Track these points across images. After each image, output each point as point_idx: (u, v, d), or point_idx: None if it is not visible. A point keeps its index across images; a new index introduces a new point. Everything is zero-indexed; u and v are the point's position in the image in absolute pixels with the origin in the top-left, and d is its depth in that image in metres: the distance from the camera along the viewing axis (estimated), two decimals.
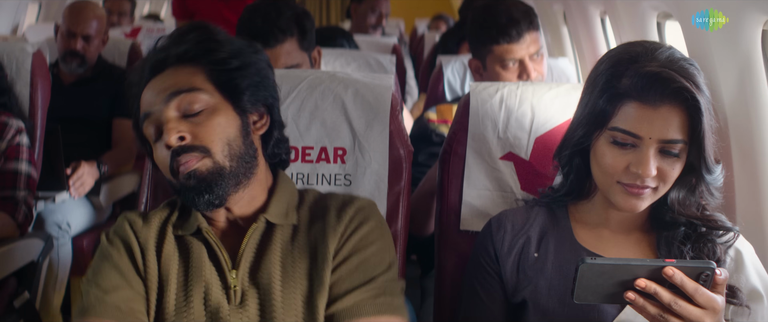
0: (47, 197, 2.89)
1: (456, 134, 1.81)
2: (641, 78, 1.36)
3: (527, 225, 1.53)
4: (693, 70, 1.38)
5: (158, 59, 1.45)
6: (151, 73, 1.44)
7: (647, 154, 1.36)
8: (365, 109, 1.84)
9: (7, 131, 2.45)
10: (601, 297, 1.23)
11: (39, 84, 2.72)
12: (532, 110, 1.79)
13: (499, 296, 1.51)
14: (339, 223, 1.43)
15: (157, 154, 1.42)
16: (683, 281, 1.18)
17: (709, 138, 1.37)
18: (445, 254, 1.80)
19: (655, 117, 1.35)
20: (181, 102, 1.39)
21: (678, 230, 1.45)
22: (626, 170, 1.38)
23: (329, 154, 1.84)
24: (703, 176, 1.40)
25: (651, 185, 1.38)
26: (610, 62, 1.43)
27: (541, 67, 2.35)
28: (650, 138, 1.36)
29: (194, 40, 1.45)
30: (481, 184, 1.78)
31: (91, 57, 3.32)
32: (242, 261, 1.41)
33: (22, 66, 2.69)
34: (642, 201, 1.40)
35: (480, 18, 2.39)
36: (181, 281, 1.42)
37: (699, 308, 1.19)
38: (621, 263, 1.20)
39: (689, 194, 1.44)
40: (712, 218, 1.45)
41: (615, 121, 1.38)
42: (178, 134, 1.36)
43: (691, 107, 1.35)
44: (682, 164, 1.39)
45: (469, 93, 1.82)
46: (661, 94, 1.35)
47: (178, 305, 1.40)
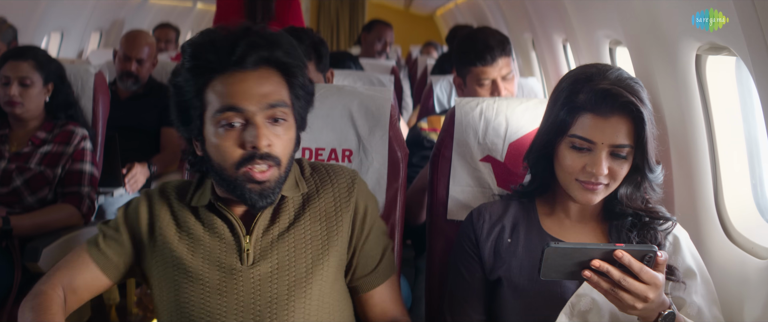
0: (107, 192, 2.90)
1: (444, 140, 1.81)
2: (595, 94, 1.36)
3: (502, 216, 1.53)
4: (638, 87, 1.38)
5: (245, 52, 1.27)
6: (236, 64, 1.27)
7: (600, 156, 1.36)
8: (368, 117, 1.84)
9: (74, 138, 2.45)
10: (562, 275, 1.22)
11: (100, 99, 2.72)
12: (506, 121, 1.79)
13: (478, 273, 1.51)
14: (349, 199, 1.44)
15: (221, 142, 1.28)
16: (630, 261, 1.18)
17: (651, 143, 1.37)
18: (434, 239, 1.80)
19: (606, 126, 1.35)
20: (274, 113, 1.29)
21: (626, 220, 1.45)
22: (583, 170, 1.38)
23: (338, 154, 1.84)
24: (647, 174, 1.40)
25: (603, 182, 1.38)
26: (569, 81, 1.43)
27: (511, 86, 2.34)
28: (602, 143, 1.36)
29: (287, 51, 1.31)
30: (464, 181, 1.78)
31: (144, 77, 3.32)
32: (256, 228, 1.38)
33: (87, 84, 2.70)
34: (596, 195, 1.40)
35: (463, 44, 2.41)
36: (198, 247, 1.38)
37: (643, 284, 1.19)
38: (579, 247, 1.20)
39: (635, 190, 1.44)
40: (654, 210, 1.45)
41: (573, 129, 1.38)
42: (268, 141, 1.27)
43: (636, 118, 1.35)
44: (629, 164, 1.39)
45: (455, 106, 1.82)
46: (611, 106, 1.35)
47: (194, 267, 1.37)
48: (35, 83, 2.43)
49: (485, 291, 1.52)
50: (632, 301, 1.19)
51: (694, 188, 1.71)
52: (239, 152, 1.27)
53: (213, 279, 1.36)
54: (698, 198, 1.70)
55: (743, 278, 1.50)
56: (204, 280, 1.37)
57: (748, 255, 1.54)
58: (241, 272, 1.37)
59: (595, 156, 1.36)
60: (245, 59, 1.27)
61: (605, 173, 1.36)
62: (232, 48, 1.27)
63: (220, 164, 1.30)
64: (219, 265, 1.37)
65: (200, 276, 1.37)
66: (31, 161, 2.40)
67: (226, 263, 1.37)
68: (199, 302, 1.37)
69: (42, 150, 2.42)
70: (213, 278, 1.36)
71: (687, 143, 1.72)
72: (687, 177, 1.73)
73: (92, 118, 2.69)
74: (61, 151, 2.43)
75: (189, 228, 1.39)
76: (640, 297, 1.19)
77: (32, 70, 2.43)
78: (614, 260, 1.19)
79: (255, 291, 1.36)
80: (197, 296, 1.37)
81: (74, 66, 2.76)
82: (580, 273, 1.20)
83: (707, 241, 1.67)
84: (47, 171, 2.40)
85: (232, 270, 1.37)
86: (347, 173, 1.48)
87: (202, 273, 1.37)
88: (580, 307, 1.39)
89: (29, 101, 2.42)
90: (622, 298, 1.19)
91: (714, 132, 1.68)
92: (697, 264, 1.44)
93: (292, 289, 1.37)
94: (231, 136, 1.27)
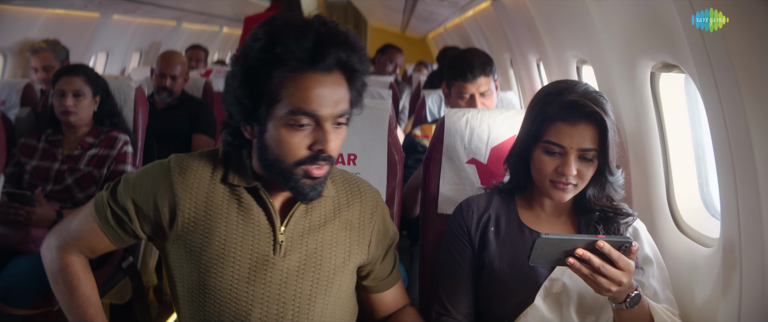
0: None
1: (435, 145, 1.81)
2: (565, 105, 1.35)
3: (488, 207, 1.52)
4: (602, 100, 1.38)
5: (325, 52, 1.10)
6: (313, 64, 1.10)
7: (570, 159, 1.35)
8: (370, 126, 1.84)
9: (118, 143, 2.45)
10: (549, 261, 1.21)
11: (140, 110, 2.72)
12: (488, 129, 1.78)
13: (468, 257, 1.50)
14: (372, 219, 1.35)
15: (288, 139, 1.13)
16: (610, 251, 1.18)
17: (613, 149, 1.36)
18: (427, 230, 1.80)
19: (574, 132, 1.35)
20: (340, 119, 1.15)
21: (594, 215, 1.45)
22: (555, 171, 1.37)
23: (344, 158, 1.84)
24: (608, 177, 1.40)
25: (572, 182, 1.38)
26: (543, 94, 1.42)
27: (489, 101, 2.32)
28: (571, 148, 1.35)
29: (361, 58, 1.15)
30: (452, 180, 1.78)
31: (177, 91, 3.32)
32: (291, 221, 1.25)
33: (128, 97, 2.69)
34: (567, 194, 1.40)
35: (452, 60, 2.40)
36: (233, 226, 1.22)
37: (620, 270, 1.19)
38: (566, 238, 1.19)
39: (601, 191, 1.43)
40: (618, 207, 1.44)
41: (547, 136, 1.38)
42: (334, 145, 1.15)
43: (601, 125, 1.34)
44: (595, 167, 1.38)
45: (444, 116, 1.82)
46: (578, 115, 1.34)
47: (227, 245, 1.21)
48: (86, 95, 2.44)
49: (473, 272, 1.51)
50: (608, 285, 1.19)
51: (650, 186, 1.71)
52: (305, 152, 1.14)
53: (244, 266, 1.22)
54: (653, 195, 1.70)
55: (692, 264, 1.50)
56: (236, 265, 1.21)
57: (696, 244, 1.53)
58: (273, 262, 1.23)
59: (566, 159, 1.36)
60: (325, 60, 1.10)
61: (574, 173, 1.36)
62: (313, 44, 1.10)
63: (279, 157, 1.15)
64: (251, 252, 1.22)
65: (232, 261, 1.21)
66: (80, 162, 2.40)
67: (261, 251, 1.22)
68: (227, 287, 1.22)
69: (90, 153, 2.42)
70: (244, 264, 1.22)
71: (643, 148, 1.72)
72: (643, 177, 1.73)
73: (133, 126, 2.69)
74: (107, 154, 2.43)
75: (223, 208, 1.22)
76: (615, 281, 1.18)
77: (84, 84, 2.43)
78: (595, 249, 1.18)
79: (282, 283, 1.24)
80: (226, 282, 1.21)
81: (118, 81, 2.75)
82: (565, 260, 1.19)
83: (661, 232, 1.66)
84: (95, 171, 2.40)
85: (266, 259, 1.23)
86: (373, 192, 1.39)
87: (234, 258, 1.21)
88: (553, 290, 1.39)
89: (81, 111, 2.42)
90: (599, 282, 1.19)
91: (666, 139, 1.68)
92: (653, 252, 1.43)
93: (315, 287, 1.27)
94: (299, 135, 1.13)
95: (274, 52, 1.09)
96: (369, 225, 1.36)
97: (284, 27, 1.10)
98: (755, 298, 1.21)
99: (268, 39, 1.10)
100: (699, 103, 1.65)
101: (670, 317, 1.32)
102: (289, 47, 1.09)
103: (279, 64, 1.10)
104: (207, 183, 1.23)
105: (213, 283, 1.22)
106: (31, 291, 2.10)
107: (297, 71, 1.10)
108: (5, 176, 2.41)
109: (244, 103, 1.14)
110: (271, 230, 1.24)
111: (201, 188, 1.23)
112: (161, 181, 1.23)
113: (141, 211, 1.24)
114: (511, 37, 3.80)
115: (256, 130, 1.17)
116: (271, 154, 1.16)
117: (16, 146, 2.49)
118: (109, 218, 1.26)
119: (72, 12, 4.42)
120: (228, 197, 1.23)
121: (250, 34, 1.14)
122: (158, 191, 1.23)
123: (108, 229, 1.27)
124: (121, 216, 1.25)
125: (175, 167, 1.24)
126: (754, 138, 1.13)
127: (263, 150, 1.17)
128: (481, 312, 1.50)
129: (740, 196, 1.22)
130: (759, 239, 1.17)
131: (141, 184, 1.24)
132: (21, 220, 2.12)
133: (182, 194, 1.22)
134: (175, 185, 1.22)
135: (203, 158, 1.26)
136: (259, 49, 1.10)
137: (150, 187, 1.24)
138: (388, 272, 1.44)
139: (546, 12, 2.67)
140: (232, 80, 1.15)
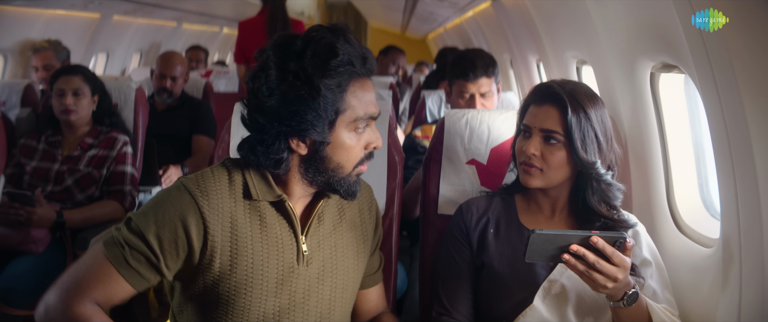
0: (146, 190, 2.89)
1: (435, 146, 1.81)
2: (535, 88, 1.43)
3: (487, 210, 1.53)
4: (581, 92, 1.38)
5: (368, 57, 1.16)
6: (369, 71, 1.17)
7: (533, 139, 1.39)
8: None
9: (117, 143, 2.45)
10: (544, 258, 1.21)
11: (140, 110, 2.72)
12: (488, 129, 1.78)
13: (467, 257, 1.51)
14: (371, 215, 1.39)
15: (355, 143, 1.18)
16: (604, 246, 1.18)
17: (584, 140, 1.35)
18: (427, 231, 1.80)
19: (539, 112, 1.40)
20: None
21: (592, 219, 1.42)
22: (522, 152, 1.41)
23: None
24: (583, 170, 1.38)
25: (537, 165, 1.39)
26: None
27: (489, 103, 2.31)
28: (535, 127, 1.39)
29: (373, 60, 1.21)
30: (452, 181, 1.78)
31: (177, 92, 3.32)
32: (311, 230, 1.25)
33: (129, 98, 2.70)
34: (531, 177, 1.40)
35: (456, 58, 2.40)
36: (258, 244, 1.19)
37: (614, 266, 1.18)
38: (560, 233, 1.19)
39: (594, 194, 1.40)
40: (618, 218, 1.40)
41: (523, 120, 1.44)
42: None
43: (563, 108, 1.36)
44: (563, 154, 1.38)
45: (444, 117, 1.82)
46: (543, 96, 1.40)
47: (255, 264, 1.18)
48: (85, 94, 2.44)
49: (473, 272, 1.51)
50: (604, 281, 1.18)
51: (650, 187, 1.71)
52: (362, 153, 1.20)
53: (271, 280, 1.20)
54: (653, 196, 1.70)
55: (692, 264, 1.50)
56: (264, 282, 1.19)
57: (696, 244, 1.53)
58: (298, 272, 1.22)
59: (531, 138, 1.39)
60: (369, 63, 1.17)
61: (533, 152, 1.38)
62: (360, 49, 1.15)
63: (341, 164, 1.18)
64: (278, 265, 1.20)
65: (260, 278, 1.19)
66: (80, 163, 2.40)
67: (286, 263, 1.21)
68: (256, 304, 1.19)
69: (90, 154, 2.42)
70: (272, 279, 1.20)
71: (643, 149, 1.72)
72: (643, 178, 1.73)
73: (133, 126, 2.69)
74: (106, 154, 2.43)
75: (247, 227, 1.19)
76: (610, 278, 1.18)
77: (82, 82, 2.44)
78: (590, 245, 1.18)
79: (305, 292, 1.24)
80: (255, 299, 1.19)
81: (118, 82, 2.76)
82: (560, 257, 1.19)
83: (661, 233, 1.66)
84: (94, 172, 2.40)
85: (292, 270, 1.22)
86: (365, 187, 1.40)
87: (262, 274, 1.19)
88: (551, 291, 1.39)
89: (81, 109, 2.43)
90: (595, 278, 1.18)
91: (666, 139, 1.68)
92: (652, 254, 1.43)
93: (334, 291, 1.28)
94: (360, 138, 1.18)
95: (335, 63, 1.11)
96: (370, 222, 1.39)
97: (334, 37, 1.12)
98: (755, 298, 1.21)
99: (326, 51, 1.11)
100: (699, 103, 1.65)
101: (669, 316, 1.32)
102: (348, 56, 1.12)
103: (345, 74, 1.13)
104: (229, 202, 1.18)
105: (241, 303, 1.19)
106: (31, 292, 2.10)
107: (360, 77, 1.16)
108: (5, 176, 2.42)
109: (306, 118, 1.12)
110: (294, 242, 1.23)
111: (225, 208, 1.18)
112: (187, 206, 1.15)
113: (168, 243, 1.14)
114: (511, 38, 3.80)
115: (314, 143, 1.16)
116: (332, 162, 1.18)
117: (16, 147, 2.49)
118: (129, 259, 1.13)
119: (72, 13, 4.43)
120: (249, 214, 1.20)
121: (288, 51, 1.12)
122: (186, 218, 1.14)
123: (128, 272, 1.14)
124: (144, 254, 1.14)
125: (195, 190, 1.16)
126: (753, 138, 1.13)
127: (321, 161, 1.17)
128: (480, 312, 1.50)
129: (740, 196, 1.23)
130: (759, 239, 1.17)
131: (162, 214, 1.14)
132: (21, 220, 2.12)
133: (211, 218, 1.15)
134: (202, 209, 1.15)
135: (216, 177, 1.20)
136: (319, 63, 1.11)
137: (175, 215, 1.14)
138: (376, 268, 1.45)
139: (546, 12, 2.67)
140: (275, 98, 1.12)
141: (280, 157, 1.17)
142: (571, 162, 1.38)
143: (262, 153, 1.17)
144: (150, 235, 1.13)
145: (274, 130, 1.14)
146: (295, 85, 1.11)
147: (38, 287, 2.08)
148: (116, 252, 1.14)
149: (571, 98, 1.36)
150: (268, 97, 1.12)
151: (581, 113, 1.36)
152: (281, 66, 1.12)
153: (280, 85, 1.11)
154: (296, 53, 1.12)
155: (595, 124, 1.36)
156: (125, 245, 1.14)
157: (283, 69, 1.12)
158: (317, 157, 1.17)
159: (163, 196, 1.17)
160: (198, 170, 1.24)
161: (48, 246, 2.20)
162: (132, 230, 1.15)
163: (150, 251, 1.14)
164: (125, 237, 1.15)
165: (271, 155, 1.16)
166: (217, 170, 1.21)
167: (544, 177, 1.40)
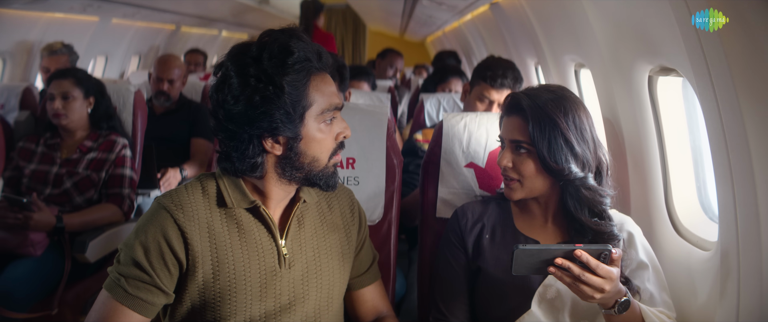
0: (144, 193, 2.89)
1: (433, 149, 1.81)
2: (504, 100, 1.46)
3: (482, 215, 1.53)
4: (547, 99, 1.37)
5: (323, 52, 1.21)
6: (321, 63, 1.20)
7: (506, 150, 1.43)
8: (369, 130, 1.83)
9: (116, 146, 2.45)
10: (531, 271, 1.22)
11: (139, 114, 2.72)
12: (486, 132, 1.79)
13: (462, 261, 1.51)
14: (353, 217, 1.40)
15: (325, 136, 1.21)
16: (588, 259, 1.18)
17: (542, 145, 1.36)
18: (425, 234, 1.80)
19: (508, 123, 1.43)
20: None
21: (582, 223, 1.42)
22: (500, 165, 1.44)
23: (343, 162, 1.84)
24: (554, 178, 1.38)
25: (514, 177, 1.41)
26: None
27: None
28: (505, 138, 1.42)
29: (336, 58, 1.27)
30: (451, 184, 1.78)
31: (175, 95, 3.32)
32: (289, 232, 1.27)
33: (127, 101, 2.70)
34: (513, 191, 1.42)
35: (487, 60, 2.37)
36: (238, 250, 1.22)
37: (600, 278, 1.18)
38: (543, 248, 1.20)
39: (573, 199, 1.40)
40: (595, 228, 1.39)
41: None
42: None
43: (525, 118, 1.38)
44: (533, 162, 1.38)
45: (443, 120, 1.82)
46: (508, 107, 1.43)
47: (237, 270, 1.21)
48: (76, 97, 2.43)
49: (468, 276, 1.51)
50: (591, 292, 1.19)
51: (647, 189, 1.71)
52: (334, 143, 1.23)
53: (255, 285, 1.22)
54: (651, 198, 1.71)
55: (690, 267, 1.50)
56: (248, 287, 1.22)
57: (694, 247, 1.54)
58: (280, 275, 1.25)
59: (505, 151, 1.42)
60: (325, 58, 1.21)
61: (505, 164, 1.40)
62: (317, 52, 1.20)
63: (316, 157, 1.21)
64: (259, 270, 1.23)
65: (244, 284, 1.21)
66: (79, 166, 2.40)
67: (268, 266, 1.24)
68: (241, 309, 1.22)
69: (88, 157, 2.42)
70: (255, 284, 1.22)
71: (641, 151, 1.72)
72: (641, 180, 1.73)
73: (132, 130, 2.69)
74: (105, 157, 2.43)
75: (225, 235, 1.22)
76: (597, 289, 1.18)
77: (72, 86, 2.43)
78: (575, 257, 1.18)
79: (290, 294, 1.26)
80: (240, 305, 1.21)
81: (116, 85, 2.76)
82: (546, 269, 1.20)
83: (659, 235, 1.67)
84: (93, 175, 2.40)
85: (274, 273, 1.24)
86: (346, 191, 1.43)
87: (245, 280, 1.22)
88: (547, 296, 1.39)
89: (72, 113, 2.42)
90: (581, 290, 1.19)
91: (664, 142, 1.69)
92: (648, 256, 1.43)
93: (319, 293, 1.30)
94: (329, 129, 1.22)
95: (293, 60, 1.14)
96: (352, 223, 1.40)
97: (287, 37, 1.16)
98: (753, 300, 1.21)
99: (281, 51, 1.14)
100: (696, 106, 1.66)
101: (665, 320, 1.32)
102: (304, 53, 1.16)
103: (303, 70, 1.16)
104: (204, 212, 1.22)
105: (227, 309, 1.22)
106: (29, 295, 2.10)
107: (318, 71, 1.19)
108: (4, 179, 2.42)
109: (275, 116, 1.15)
110: (273, 245, 1.26)
111: (201, 219, 1.21)
112: (165, 221, 1.19)
113: (157, 261, 1.18)
114: (510, 41, 3.81)
115: (288, 141, 1.19)
116: (307, 157, 1.21)
117: (15, 150, 2.49)
118: (128, 289, 1.17)
119: (71, 15, 4.42)
120: (227, 222, 1.23)
121: (246, 57, 1.15)
122: (167, 232, 1.18)
123: (132, 301, 1.17)
124: (139, 278, 1.17)
125: (170, 205, 1.20)
126: (751, 141, 1.14)
127: (296, 157, 1.20)
128: (477, 316, 1.50)
129: (738, 199, 1.23)
130: (756, 241, 1.18)
131: (145, 235, 1.18)
132: (19, 224, 2.12)
133: (189, 228, 1.19)
134: (179, 221, 1.18)
135: (189, 190, 1.24)
136: (277, 63, 1.14)
137: (156, 232, 1.18)
138: (367, 267, 1.45)
139: (544, 16, 2.68)
140: (240, 104, 1.14)
141: (255, 161, 1.20)
142: (546, 170, 1.38)
143: (237, 159, 1.20)
144: (139, 257, 1.18)
145: (247, 135, 1.17)
146: (259, 88, 1.14)
147: (36, 290, 2.08)
148: (115, 288, 1.18)
149: (532, 107, 1.36)
150: (235, 104, 1.15)
151: (545, 121, 1.35)
152: (241, 73, 1.15)
153: (244, 90, 1.14)
154: (253, 58, 1.15)
155: (564, 130, 1.35)
156: (120, 278, 1.18)
157: (244, 75, 1.15)
158: (293, 154, 1.20)
159: (143, 220, 1.22)
160: (197, 173, 1.26)
161: (46, 249, 2.20)
162: (122, 262, 1.19)
163: (144, 273, 1.18)
164: (119, 270, 1.19)
165: (246, 160, 1.19)
166: (191, 184, 1.26)
167: (523, 189, 1.41)
